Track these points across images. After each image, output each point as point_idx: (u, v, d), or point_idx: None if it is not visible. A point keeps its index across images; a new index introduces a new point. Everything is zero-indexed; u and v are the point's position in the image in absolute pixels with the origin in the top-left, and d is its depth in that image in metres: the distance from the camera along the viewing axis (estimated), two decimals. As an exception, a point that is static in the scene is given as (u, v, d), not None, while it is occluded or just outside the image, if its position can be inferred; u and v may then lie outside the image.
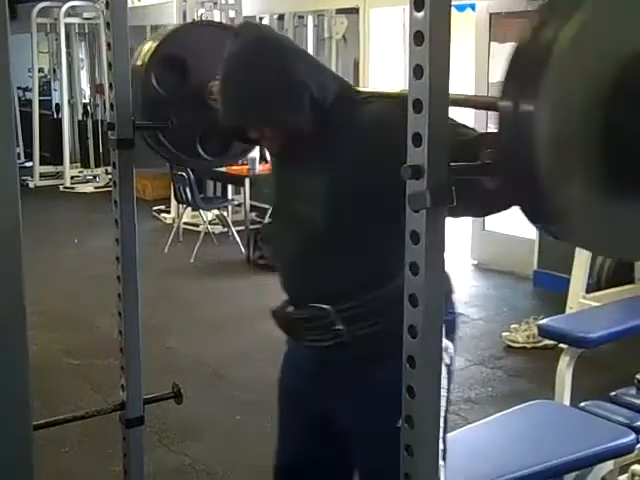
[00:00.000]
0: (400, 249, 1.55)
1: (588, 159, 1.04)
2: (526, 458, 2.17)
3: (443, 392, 1.84)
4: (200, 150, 2.36)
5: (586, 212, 1.09)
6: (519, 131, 1.03)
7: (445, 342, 1.83)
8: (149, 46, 2.40)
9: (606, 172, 1.05)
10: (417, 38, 1.13)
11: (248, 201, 7.27)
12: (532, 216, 1.13)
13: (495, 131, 1.18)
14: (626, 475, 2.84)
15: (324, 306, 1.83)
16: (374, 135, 1.69)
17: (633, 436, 2.50)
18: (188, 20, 8.16)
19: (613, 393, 2.80)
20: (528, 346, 4.73)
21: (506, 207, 1.51)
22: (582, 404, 2.76)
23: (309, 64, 1.79)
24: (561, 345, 3.28)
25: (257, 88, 1.74)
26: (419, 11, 1.13)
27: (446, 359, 1.83)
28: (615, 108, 1.02)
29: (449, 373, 1.86)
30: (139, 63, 2.34)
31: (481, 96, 1.44)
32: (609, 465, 2.50)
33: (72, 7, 10.64)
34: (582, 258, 4.96)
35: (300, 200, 1.85)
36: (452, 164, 1.17)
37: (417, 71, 1.13)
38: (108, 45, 1.98)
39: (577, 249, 4.97)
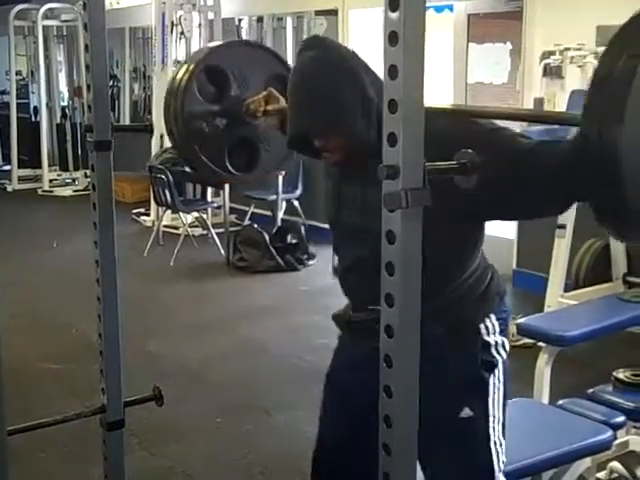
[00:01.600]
0: (458, 255, 1.87)
1: None
2: (505, 456, 2.18)
3: (500, 386, 1.97)
4: (228, 163, 2.45)
5: None
6: (605, 145, 1.12)
7: (501, 338, 1.97)
8: (196, 58, 2.52)
9: None
10: (392, 38, 1.14)
11: (228, 204, 7.25)
12: (605, 218, 1.23)
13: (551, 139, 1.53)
14: (604, 472, 2.87)
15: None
16: (439, 150, 1.69)
17: (610, 433, 2.52)
18: (166, 21, 8.15)
19: (590, 391, 2.82)
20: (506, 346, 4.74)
21: (569, 205, 1.67)
22: (560, 402, 2.78)
23: (377, 79, 1.82)
24: (540, 344, 3.30)
25: (333, 96, 1.81)
26: (394, 11, 1.13)
27: (503, 354, 1.96)
28: None
29: (505, 368, 1.97)
30: (183, 72, 2.43)
31: (550, 112, 1.56)
32: (587, 462, 2.53)
33: (50, 9, 10.57)
34: (560, 257, 5.00)
35: (361, 211, 1.93)
36: (427, 164, 1.18)
37: (392, 71, 1.14)
38: (86, 47, 1.97)
39: (554, 248, 5.01)
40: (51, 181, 10.69)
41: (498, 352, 1.96)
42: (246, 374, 4.57)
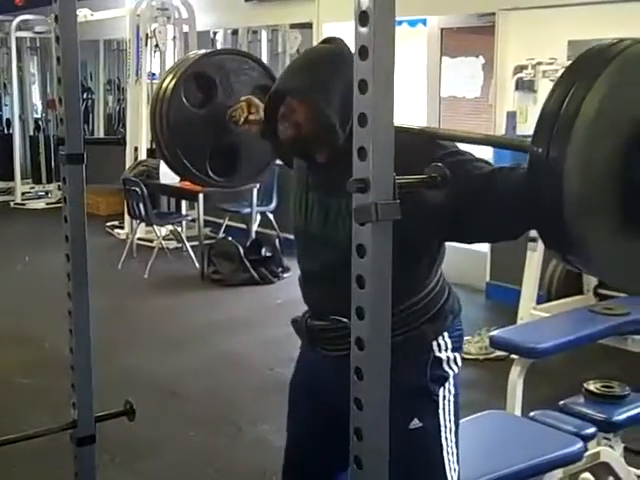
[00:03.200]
0: (420, 268, 1.91)
1: (609, 199, 1.20)
2: (477, 468, 2.19)
3: (451, 397, 2.01)
4: (208, 168, 2.49)
5: (604, 247, 1.23)
6: (549, 174, 1.18)
7: (453, 354, 1.99)
8: (183, 65, 2.56)
9: (624, 215, 1.21)
10: (362, 53, 1.15)
11: (202, 216, 7.24)
12: (551, 244, 1.28)
13: (509, 165, 1.60)
14: (576, 483, 2.89)
15: (344, 319, 1.87)
16: (399, 162, 1.71)
17: (581, 444, 2.54)
18: (140, 34, 8.14)
19: (562, 402, 2.84)
20: (481, 357, 4.77)
21: (522, 233, 1.75)
22: (532, 414, 2.79)
23: None
24: (512, 356, 3.33)
25: (326, 76, 1.85)
26: (363, 26, 1.14)
27: (455, 369, 2.00)
28: (632, 161, 1.18)
29: (456, 381, 2.01)
30: (170, 78, 2.48)
31: (502, 137, 1.64)
32: (558, 473, 2.54)
33: (23, 21, 10.51)
34: (532, 270, 5.04)
35: (325, 219, 1.94)
36: (397, 177, 1.19)
37: (362, 85, 1.15)
38: (58, 59, 1.96)
39: (526, 261, 5.05)
40: (24, 194, 10.61)
41: (450, 367, 1.99)
42: (220, 387, 4.55)
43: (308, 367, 2.19)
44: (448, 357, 1.98)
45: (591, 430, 2.65)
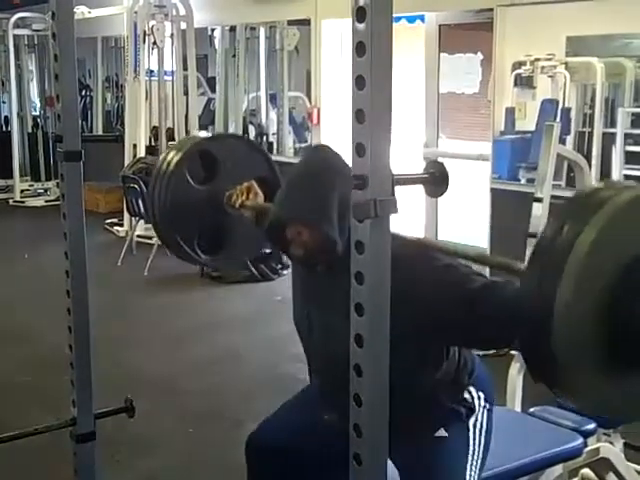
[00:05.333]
0: (426, 366, 2.04)
1: (596, 338, 1.25)
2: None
3: (483, 431, 2.17)
4: (196, 246, 2.53)
5: (589, 382, 1.29)
6: (540, 304, 1.23)
7: (479, 393, 2.14)
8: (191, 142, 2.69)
9: (610, 352, 1.26)
10: (359, 49, 1.15)
11: (201, 213, 7.23)
12: (535, 371, 1.33)
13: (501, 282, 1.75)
14: (575, 479, 2.89)
15: None
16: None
17: (581, 440, 2.54)
18: (138, 31, 8.12)
19: (562, 398, 2.84)
20: (480, 354, 4.76)
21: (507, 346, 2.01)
22: (532, 409, 2.79)
23: None
24: (512, 352, 3.32)
25: (324, 195, 1.95)
26: (361, 22, 1.14)
27: (484, 407, 2.16)
28: (618, 301, 1.25)
29: (489, 420, 2.18)
30: (174, 153, 2.55)
31: (496, 257, 1.76)
32: (558, 469, 2.54)
33: (21, 18, 10.49)
34: (532, 266, 5.03)
35: (329, 334, 2.05)
36: (395, 174, 1.19)
37: (359, 82, 1.15)
38: (55, 57, 1.97)
39: (526, 257, 5.04)
40: (23, 191, 10.59)
41: (474, 403, 2.14)
42: (220, 384, 4.55)
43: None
44: (473, 396, 2.14)
45: (591, 426, 2.65)
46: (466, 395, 2.12)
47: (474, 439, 2.12)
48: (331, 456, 2.17)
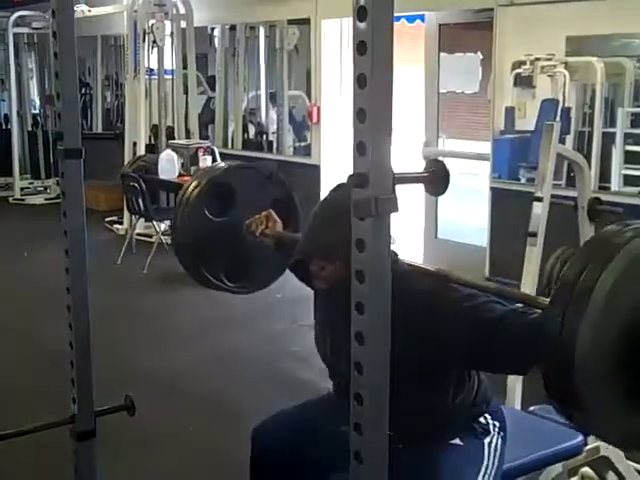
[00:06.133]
0: (445, 392, 2.10)
1: (614, 378, 1.31)
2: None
3: (498, 450, 2.22)
4: (222, 275, 2.66)
5: (606, 415, 1.35)
6: (563, 338, 1.28)
7: (495, 422, 2.22)
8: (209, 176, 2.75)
9: (627, 389, 1.32)
10: (360, 48, 1.15)
11: (201, 212, 7.23)
12: (555, 398, 1.38)
13: (520, 309, 1.81)
14: (575, 478, 2.89)
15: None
16: (412, 314, 1.89)
17: (581, 438, 2.54)
18: (138, 30, 8.12)
19: (561, 397, 2.84)
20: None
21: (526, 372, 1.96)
22: (532, 408, 2.80)
23: None
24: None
25: (347, 231, 1.89)
26: (362, 21, 1.14)
27: (499, 433, 2.23)
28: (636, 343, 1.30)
29: (503, 444, 2.23)
30: (194, 185, 2.64)
31: (517, 291, 1.87)
32: (558, 468, 2.54)
33: (21, 17, 10.49)
34: (531, 266, 5.03)
35: (331, 345, 2.17)
36: (396, 173, 1.19)
37: (360, 80, 1.15)
38: (55, 55, 1.97)
39: (526, 256, 5.05)
40: (22, 189, 10.59)
41: (489, 426, 2.20)
42: (220, 382, 4.56)
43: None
44: (488, 422, 2.20)
45: (590, 424, 2.65)
46: (481, 420, 2.18)
47: (489, 457, 2.17)
48: (333, 458, 2.19)
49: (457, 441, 2.13)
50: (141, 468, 3.58)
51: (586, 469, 2.86)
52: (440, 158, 1.77)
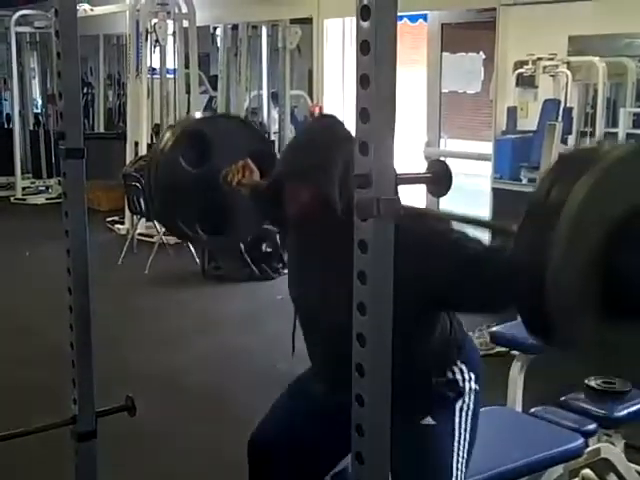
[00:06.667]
0: (421, 336, 2.02)
1: (592, 293, 1.26)
2: (478, 464, 2.18)
3: (469, 412, 2.12)
4: (197, 226, 2.55)
5: (585, 333, 1.30)
6: (533, 260, 1.23)
7: (471, 374, 2.10)
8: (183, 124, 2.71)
9: (606, 303, 1.27)
10: (363, 47, 1.14)
11: (203, 211, 7.22)
12: (532, 327, 1.33)
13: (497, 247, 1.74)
14: (576, 479, 2.89)
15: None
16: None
17: (582, 440, 2.54)
18: (140, 29, 8.13)
19: (563, 398, 2.84)
20: (481, 353, 4.74)
21: (504, 310, 1.88)
22: (533, 410, 2.79)
23: None
24: (513, 352, 3.32)
25: (327, 155, 1.95)
26: (365, 21, 1.14)
27: (473, 388, 2.11)
28: (613, 252, 1.25)
29: (476, 403, 2.13)
30: (168, 136, 2.55)
31: (491, 221, 1.80)
32: (559, 470, 2.54)
33: (23, 16, 10.50)
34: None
35: (327, 297, 2.04)
36: (398, 173, 1.18)
37: (364, 80, 1.15)
38: (58, 54, 1.96)
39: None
40: (24, 189, 10.60)
41: (465, 384, 2.09)
42: (221, 383, 4.55)
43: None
44: (464, 377, 2.09)
45: (592, 426, 2.65)
46: (457, 376, 2.08)
47: (460, 424, 2.09)
48: (332, 447, 2.17)
49: (429, 420, 2.05)
50: (142, 469, 3.58)
51: (587, 471, 2.86)
52: (442, 158, 1.78)
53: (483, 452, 2.16)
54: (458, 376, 2.08)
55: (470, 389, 2.09)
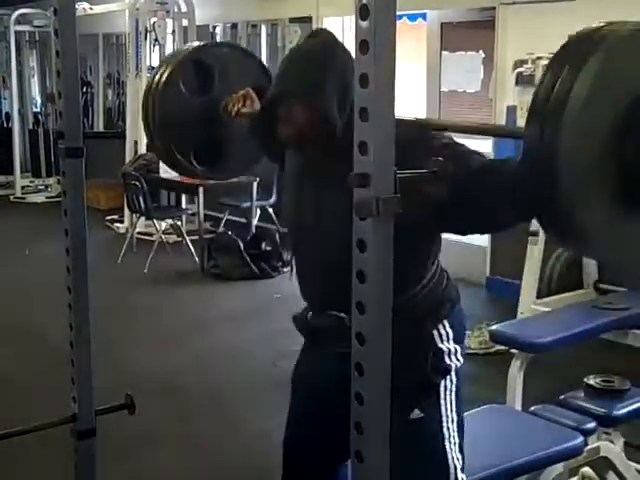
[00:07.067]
0: (417, 260, 1.95)
1: (604, 181, 1.21)
2: (477, 462, 2.19)
3: (452, 387, 2.03)
4: (192, 157, 2.47)
5: (602, 229, 1.24)
6: (544, 157, 1.18)
7: (454, 346, 2.00)
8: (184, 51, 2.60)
9: (620, 195, 1.22)
10: (362, 47, 1.14)
11: (202, 210, 7.23)
12: (549, 228, 1.29)
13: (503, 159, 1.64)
14: (575, 477, 2.89)
15: (342, 314, 1.92)
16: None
17: (581, 439, 2.54)
18: (140, 28, 8.12)
19: (562, 397, 2.84)
20: (481, 352, 4.77)
21: (518, 222, 1.79)
22: (532, 408, 2.79)
23: None
24: (512, 350, 3.32)
25: (322, 73, 1.87)
26: (364, 20, 1.14)
27: (457, 362, 2.02)
28: (624, 139, 1.20)
29: (458, 372, 2.02)
30: (167, 64, 2.48)
31: (499, 126, 1.70)
32: (559, 468, 2.54)
33: (22, 15, 10.49)
34: (532, 264, 5.03)
35: (321, 213, 1.96)
36: (398, 172, 1.18)
37: (363, 79, 1.15)
38: (57, 53, 1.96)
39: (527, 255, 5.05)
40: (23, 188, 10.60)
41: (452, 360, 2.01)
42: (219, 381, 4.56)
43: (310, 362, 2.20)
44: (449, 349, 2.00)
45: (591, 425, 2.65)
46: (443, 345, 1.99)
47: (445, 407, 2.02)
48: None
49: (416, 413, 1.99)
50: (141, 467, 3.58)
51: (586, 469, 2.86)
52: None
53: (483, 450, 2.17)
54: (444, 345, 1.99)
55: (454, 365, 2.01)
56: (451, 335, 2.00)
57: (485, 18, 6.38)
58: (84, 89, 10.75)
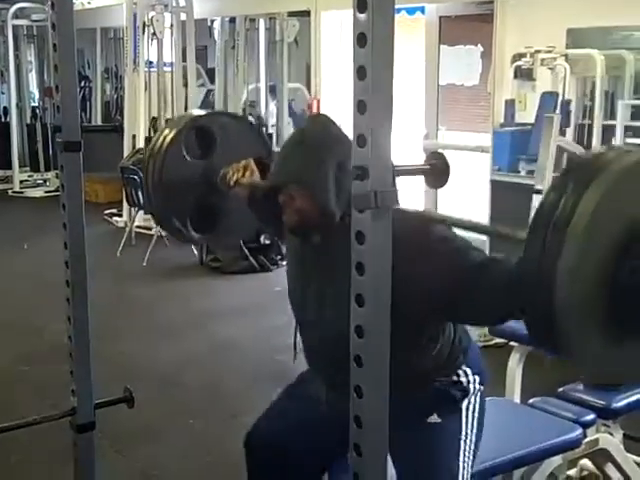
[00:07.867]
0: (425, 345, 2.00)
1: (596, 307, 1.24)
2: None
3: (475, 411, 2.11)
4: (188, 223, 2.49)
5: (591, 346, 1.28)
6: (543, 270, 1.21)
7: (475, 377, 2.08)
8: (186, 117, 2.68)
9: (612, 317, 1.25)
10: (360, 39, 1.14)
11: (201, 204, 7.22)
12: (538, 338, 1.31)
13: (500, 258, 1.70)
14: (574, 469, 2.90)
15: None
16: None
17: (580, 431, 2.54)
18: (138, 22, 8.10)
19: (561, 389, 2.85)
20: (480, 344, 4.76)
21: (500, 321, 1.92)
22: (531, 400, 2.80)
23: None
24: (511, 343, 3.32)
25: (321, 159, 1.91)
26: (362, 13, 1.14)
27: (477, 388, 2.10)
28: (621, 265, 1.23)
29: (482, 401, 2.12)
30: (171, 128, 2.50)
31: (497, 226, 1.71)
32: (558, 460, 2.55)
33: (20, 9, 10.46)
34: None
35: (321, 301, 2.01)
36: (396, 165, 1.19)
37: (360, 72, 1.15)
38: (54, 47, 1.96)
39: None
40: (22, 182, 10.59)
41: (469, 381, 2.08)
42: (219, 375, 4.56)
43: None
44: (469, 380, 2.08)
45: (590, 417, 2.66)
46: (462, 378, 2.07)
47: (467, 423, 2.09)
48: (328, 448, 2.17)
49: (435, 418, 2.04)
50: (139, 460, 3.58)
51: (585, 461, 2.87)
52: (440, 150, 1.77)
53: (482, 443, 2.16)
54: (462, 378, 2.07)
55: (475, 389, 2.09)
56: (469, 372, 2.09)
57: (484, 12, 6.37)
58: (82, 83, 10.74)
